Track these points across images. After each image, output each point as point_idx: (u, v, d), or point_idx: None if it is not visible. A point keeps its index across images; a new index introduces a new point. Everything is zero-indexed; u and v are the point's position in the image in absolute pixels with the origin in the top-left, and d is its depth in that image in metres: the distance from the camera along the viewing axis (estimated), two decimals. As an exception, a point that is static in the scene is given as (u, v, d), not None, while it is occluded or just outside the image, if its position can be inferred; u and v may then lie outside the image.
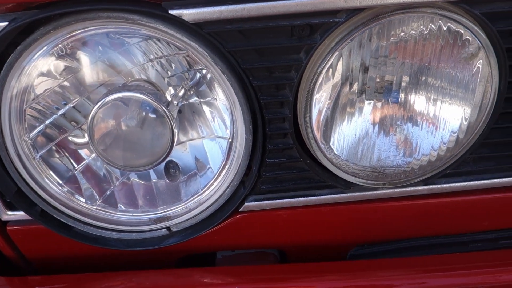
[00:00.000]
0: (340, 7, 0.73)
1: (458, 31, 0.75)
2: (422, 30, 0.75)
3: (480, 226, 0.98)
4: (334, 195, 0.91)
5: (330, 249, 1.01)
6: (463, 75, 0.79)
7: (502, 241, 1.00)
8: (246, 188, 0.90)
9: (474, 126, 0.83)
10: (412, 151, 0.85)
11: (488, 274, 0.94)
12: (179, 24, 0.76)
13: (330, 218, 0.95)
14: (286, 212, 0.93)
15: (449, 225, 0.98)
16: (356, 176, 0.88)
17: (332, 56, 0.76)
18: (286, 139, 0.85)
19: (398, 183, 0.89)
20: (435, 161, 0.86)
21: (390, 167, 0.86)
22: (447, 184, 0.91)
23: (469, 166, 0.91)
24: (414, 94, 0.80)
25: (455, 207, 0.95)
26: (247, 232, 0.97)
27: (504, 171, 0.91)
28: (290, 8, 0.72)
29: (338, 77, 0.78)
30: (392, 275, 0.95)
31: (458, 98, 0.81)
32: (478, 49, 0.76)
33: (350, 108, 0.81)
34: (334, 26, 0.75)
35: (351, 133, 0.84)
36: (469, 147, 0.86)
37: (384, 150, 0.85)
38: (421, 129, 0.83)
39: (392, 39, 0.75)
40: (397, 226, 0.98)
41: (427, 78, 0.79)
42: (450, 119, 0.82)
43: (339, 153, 0.85)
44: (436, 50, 0.77)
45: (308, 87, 0.79)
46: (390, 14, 0.74)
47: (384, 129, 0.83)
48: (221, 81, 0.81)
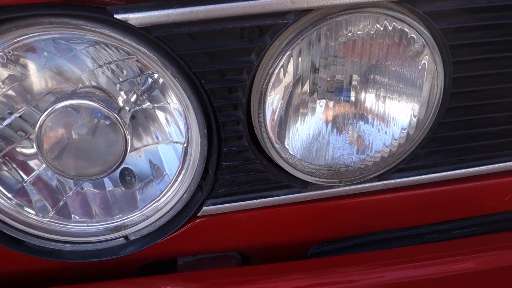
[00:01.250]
0: (288, 8, 0.73)
1: (403, 30, 0.77)
2: (368, 30, 0.76)
3: (434, 217, 1.01)
4: (291, 195, 0.92)
5: (291, 249, 1.01)
6: (410, 72, 0.81)
7: (455, 231, 1.04)
8: (204, 193, 0.89)
9: (423, 121, 0.85)
10: (365, 149, 0.87)
11: (444, 264, 0.97)
12: (126, 29, 0.74)
13: (289, 218, 0.96)
14: (245, 214, 0.93)
15: (404, 218, 1.01)
16: (312, 175, 0.89)
17: (282, 57, 0.77)
18: (242, 141, 0.85)
19: (353, 180, 0.91)
20: (387, 157, 0.88)
21: (345, 165, 0.88)
22: (400, 179, 0.93)
23: (421, 160, 0.93)
24: (365, 93, 0.82)
25: (409, 200, 0.97)
26: (207, 236, 0.96)
27: (453, 163, 0.94)
28: (238, 10, 0.72)
29: (290, 78, 0.79)
30: (352, 271, 0.97)
31: (407, 95, 0.83)
32: (423, 47, 0.79)
33: (303, 108, 0.82)
34: (283, 27, 0.75)
35: (305, 132, 0.84)
36: (419, 142, 0.88)
37: (338, 148, 0.86)
38: (372, 126, 0.85)
39: (340, 39, 0.76)
40: (355, 222, 1.00)
41: (376, 76, 0.81)
42: (400, 116, 0.85)
43: (295, 153, 0.85)
44: (383, 49, 0.78)
45: (261, 89, 0.79)
46: (337, 14, 0.75)
47: (337, 127, 0.84)
48: (173, 85, 0.80)
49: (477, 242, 1.02)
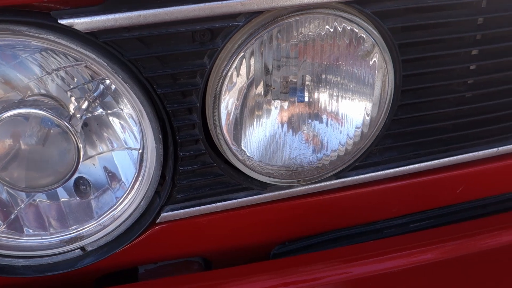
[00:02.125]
0: (238, 10, 0.73)
1: (353, 30, 0.78)
2: (319, 31, 0.77)
3: (391, 212, 1.04)
4: (251, 197, 0.91)
5: (253, 250, 1.01)
6: (362, 71, 0.82)
7: (412, 225, 1.07)
8: (162, 199, 0.88)
9: (376, 119, 0.87)
10: (321, 148, 0.88)
11: (403, 257, 1.00)
12: (72, 34, 0.72)
13: (250, 220, 0.95)
14: (205, 219, 0.92)
15: (363, 214, 1.03)
16: (270, 176, 0.89)
17: (235, 60, 0.77)
18: (198, 145, 0.85)
19: (311, 179, 0.92)
20: (344, 155, 0.89)
21: (302, 164, 0.88)
22: (357, 176, 0.95)
23: (376, 157, 0.95)
24: (318, 93, 0.83)
25: (367, 197, 0.99)
26: (167, 243, 0.95)
27: (407, 159, 0.97)
28: (187, 13, 0.71)
29: (243, 80, 0.79)
30: (315, 269, 0.97)
31: (359, 93, 0.85)
32: (373, 46, 0.80)
33: (258, 110, 0.82)
34: (234, 29, 0.75)
35: (261, 134, 0.84)
36: (374, 139, 0.90)
37: (295, 148, 0.87)
38: (327, 126, 0.86)
39: (292, 41, 0.77)
40: (315, 220, 1.01)
41: (329, 76, 0.82)
42: (354, 114, 0.86)
43: (252, 154, 0.85)
44: (334, 49, 0.79)
45: (215, 92, 0.79)
46: (288, 16, 0.75)
47: (292, 128, 0.85)
48: (124, 91, 0.79)
49: (434, 233, 1.05)
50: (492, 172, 1.02)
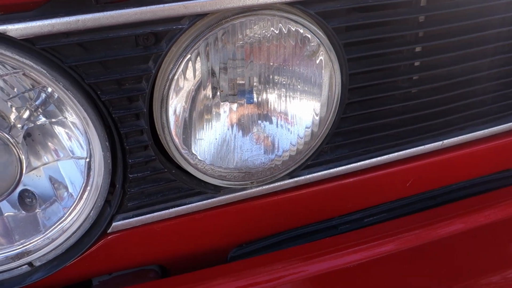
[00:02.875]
0: (182, 13, 0.72)
1: (298, 31, 0.79)
2: (264, 32, 0.77)
3: (345, 209, 1.06)
4: (205, 201, 0.91)
5: (210, 255, 1.00)
6: (309, 71, 0.83)
7: (366, 219, 1.09)
8: (112, 208, 0.85)
9: (325, 118, 0.88)
10: (273, 148, 0.88)
11: (359, 252, 1.02)
12: (7, 41, 0.68)
13: (205, 224, 0.94)
14: (159, 226, 0.91)
15: (318, 212, 1.04)
16: (223, 179, 0.89)
17: (181, 63, 0.76)
18: (147, 151, 0.83)
19: (265, 180, 0.92)
20: (295, 155, 0.90)
21: (255, 166, 0.88)
22: (310, 175, 0.96)
23: (327, 155, 0.96)
24: (267, 94, 0.83)
25: (321, 194, 1.00)
26: (121, 252, 0.92)
27: (358, 155, 0.99)
28: (129, 17, 0.69)
29: (191, 83, 0.78)
30: (272, 269, 0.98)
31: (308, 93, 0.85)
32: (318, 46, 0.81)
33: (207, 113, 0.81)
34: (178, 33, 0.74)
35: (212, 137, 0.84)
36: (324, 138, 0.91)
37: (246, 150, 0.87)
38: (278, 126, 0.86)
39: (238, 43, 0.77)
40: (271, 221, 1.01)
41: (277, 77, 0.82)
42: (303, 114, 0.87)
43: (203, 158, 0.84)
44: (281, 50, 0.80)
45: (162, 96, 0.77)
46: (232, 18, 0.75)
47: (243, 130, 0.85)
48: (67, 98, 0.76)
49: (388, 226, 1.07)
50: (438, 164, 1.06)
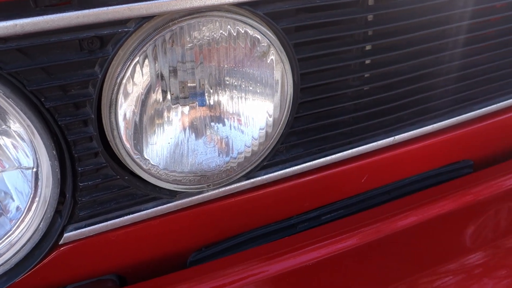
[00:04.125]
0: (127, 16, 0.70)
1: (247, 32, 0.78)
2: (213, 34, 0.76)
3: (303, 207, 1.06)
4: (160, 207, 0.89)
5: (169, 261, 0.99)
6: (260, 72, 0.83)
7: (324, 217, 1.10)
8: (63, 218, 0.82)
9: (278, 118, 0.88)
10: (227, 151, 0.87)
11: (318, 249, 1.03)
12: None
13: (162, 230, 0.93)
14: (114, 234, 0.88)
15: (276, 212, 1.04)
16: (179, 184, 0.87)
17: (129, 67, 0.74)
18: (98, 158, 0.80)
19: (221, 182, 0.91)
20: (251, 156, 0.90)
21: (210, 169, 0.87)
22: (266, 175, 0.96)
23: (283, 155, 0.97)
24: (219, 96, 0.82)
25: (278, 194, 1.00)
26: (75, 263, 0.89)
27: (313, 154, 0.99)
28: (71, 21, 0.67)
29: (140, 87, 0.76)
30: (233, 271, 0.97)
31: (260, 94, 0.85)
32: (269, 47, 0.81)
33: (158, 116, 0.80)
34: (124, 36, 0.72)
35: (164, 141, 0.82)
36: (279, 138, 0.92)
37: (201, 153, 0.86)
38: (231, 128, 0.86)
39: (187, 45, 0.76)
40: (230, 223, 1.01)
41: (228, 79, 0.82)
42: (256, 115, 0.86)
43: (156, 163, 0.83)
44: (231, 52, 0.79)
45: (110, 101, 0.75)
46: (180, 20, 0.74)
47: (196, 133, 0.84)
48: (8, 107, 0.72)
49: (345, 223, 1.09)
50: (391, 159, 1.08)
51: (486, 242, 1.07)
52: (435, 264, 1.03)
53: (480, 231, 1.10)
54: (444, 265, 1.02)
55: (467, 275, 1.00)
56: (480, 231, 1.10)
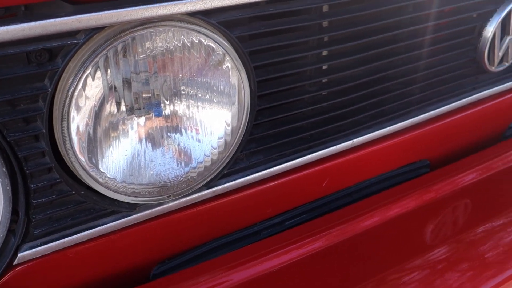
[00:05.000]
0: (76, 27, 0.69)
1: (201, 41, 0.78)
2: (167, 44, 0.76)
3: (266, 213, 1.07)
4: (120, 220, 0.87)
5: (132, 275, 0.97)
6: (216, 81, 0.83)
7: (287, 222, 1.11)
8: (17, 237, 0.79)
9: (237, 126, 0.88)
10: (187, 161, 0.86)
11: (282, 255, 1.03)
12: None
13: (123, 244, 0.91)
14: (73, 251, 0.86)
15: (239, 219, 1.04)
16: (138, 196, 0.86)
17: (80, 79, 0.72)
18: (51, 174, 0.78)
19: (182, 193, 0.90)
20: (210, 165, 0.89)
21: (169, 179, 0.86)
22: (227, 183, 0.95)
23: (243, 162, 0.97)
24: (175, 106, 0.81)
25: (240, 202, 1.00)
26: (32, 284, 0.86)
27: (274, 160, 1.00)
28: (16, 33, 0.65)
29: (92, 99, 0.74)
30: (197, 282, 0.96)
31: (218, 103, 0.85)
32: (224, 55, 0.81)
33: (113, 129, 0.78)
34: (74, 48, 0.71)
35: (121, 153, 0.81)
36: (238, 145, 0.91)
37: (159, 164, 0.84)
38: (189, 138, 0.85)
39: (140, 55, 0.75)
40: (193, 233, 1.00)
41: (184, 88, 0.81)
42: (214, 124, 0.86)
43: (113, 176, 0.81)
44: (186, 61, 0.79)
45: (62, 115, 0.73)
46: (132, 31, 0.73)
47: (153, 144, 0.82)
48: (-47, 123, 0.69)
49: (308, 227, 1.10)
50: (351, 162, 1.10)
51: (447, 237, 1.10)
52: (400, 262, 1.05)
53: (440, 227, 1.13)
54: (409, 262, 1.05)
55: (431, 270, 1.02)
56: (440, 227, 1.13)
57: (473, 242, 1.08)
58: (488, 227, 1.13)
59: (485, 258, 1.05)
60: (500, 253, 1.05)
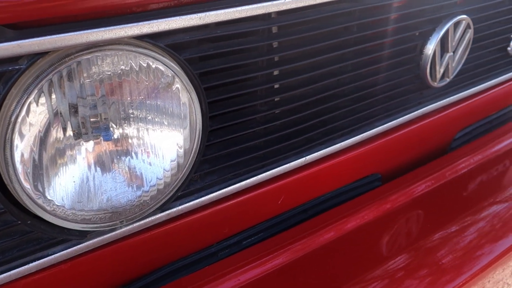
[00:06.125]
0: (17, 53, 0.67)
1: (149, 64, 0.78)
2: (114, 67, 0.75)
3: (223, 234, 1.06)
4: (70, 249, 0.84)
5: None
6: (166, 103, 0.83)
7: (244, 241, 1.10)
8: (-42, 273, 0.76)
9: (189, 148, 0.88)
10: (139, 185, 0.85)
11: (239, 275, 1.02)
12: None
13: (74, 273, 0.88)
14: (20, 284, 0.82)
15: (196, 241, 1.03)
16: (88, 223, 0.83)
17: (23, 105, 0.70)
18: (-5, 204, 0.75)
19: (135, 217, 0.88)
20: (163, 188, 0.88)
21: (121, 204, 0.85)
22: (182, 206, 0.94)
23: (197, 184, 0.96)
24: (124, 130, 0.80)
25: (196, 223, 0.99)
26: (-24, 321, 0.82)
27: (228, 180, 1.00)
28: (-48, 60, 0.63)
29: (37, 126, 0.72)
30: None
31: (168, 125, 0.85)
32: (173, 78, 0.81)
33: (59, 155, 0.76)
34: (16, 73, 0.69)
35: (69, 180, 0.78)
36: (192, 167, 0.91)
37: (110, 189, 0.83)
38: (141, 162, 0.84)
39: (86, 80, 0.73)
40: (148, 257, 0.98)
41: (133, 112, 0.80)
42: (166, 146, 0.85)
43: (62, 203, 0.78)
44: (133, 85, 0.78)
45: (5, 142, 0.71)
46: (77, 55, 0.72)
47: (103, 168, 0.81)
48: None
49: (266, 245, 1.10)
50: (305, 179, 1.12)
51: (404, 246, 1.13)
52: (360, 273, 1.07)
53: (397, 237, 1.16)
54: (369, 273, 1.07)
55: (391, 279, 1.05)
56: (397, 237, 1.16)
57: (429, 249, 1.11)
58: (443, 233, 1.17)
59: (442, 264, 1.08)
60: (456, 257, 1.10)
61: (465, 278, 1.05)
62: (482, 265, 1.09)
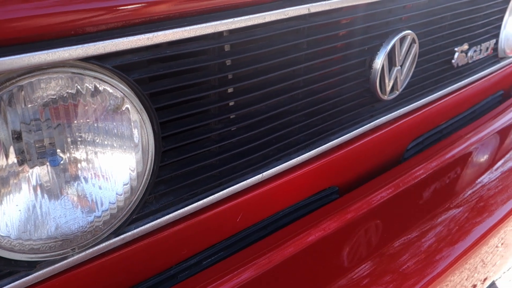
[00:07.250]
0: (-47, 79, 0.64)
1: (96, 86, 0.76)
2: (59, 91, 0.73)
3: (181, 256, 1.04)
4: (17, 281, 0.80)
5: None
6: (116, 126, 0.81)
7: (204, 262, 1.09)
8: None
9: (142, 170, 0.86)
10: (90, 210, 0.82)
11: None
12: None
13: (24, 307, 0.84)
14: (-37, 322, 0.77)
15: (154, 264, 1.01)
16: (37, 253, 0.80)
17: (-39, 133, 0.67)
18: None
19: (87, 244, 0.85)
20: (117, 212, 0.86)
21: (72, 231, 0.82)
22: (137, 229, 0.92)
23: (153, 205, 0.94)
24: (73, 154, 0.78)
25: (153, 246, 0.97)
26: None
27: (184, 200, 0.99)
28: None
29: (-23, 154, 0.69)
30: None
31: (120, 148, 0.83)
32: (122, 99, 0.80)
33: (3, 183, 0.73)
34: (-48, 101, 0.66)
35: (13, 209, 0.75)
36: (146, 189, 0.89)
37: (59, 216, 0.80)
38: (92, 186, 0.82)
39: (29, 105, 0.71)
40: (104, 285, 0.94)
41: (82, 135, 0.78)
42: (118, 169, 0.83)
43: (7, 234, 0.75)
44: (82, 107, 0.76)
45: None
46: (18, 79, 0.69)
47: (50, 195, 0.78)
48: None
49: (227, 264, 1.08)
50: (263, 195, 1.12)
51: (367, 255, 1.14)
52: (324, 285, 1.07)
53: (358, 247, 1.18)
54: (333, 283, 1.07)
55: (357, 288, 1.05)
56: (358, 247, 1.18)
57: (392, 256, 1.14)
58: (403, 240, 1.20)
59: (405, 268, 1.10)
60: (418, 261, 1.12)
61: (427, 281, 1.08)
62: (442, 268, 1.12)
